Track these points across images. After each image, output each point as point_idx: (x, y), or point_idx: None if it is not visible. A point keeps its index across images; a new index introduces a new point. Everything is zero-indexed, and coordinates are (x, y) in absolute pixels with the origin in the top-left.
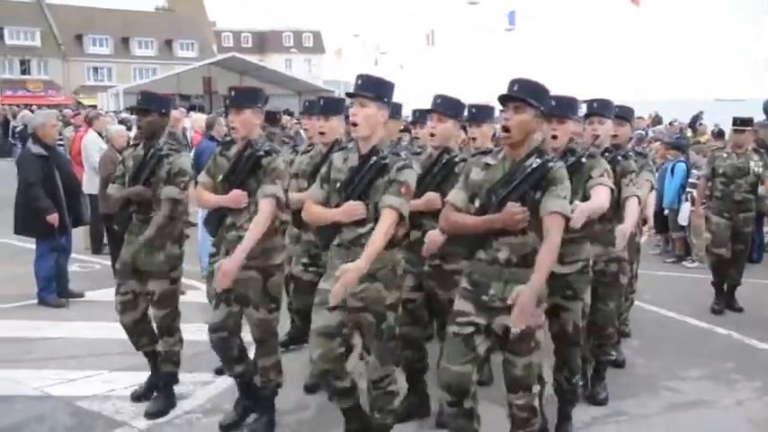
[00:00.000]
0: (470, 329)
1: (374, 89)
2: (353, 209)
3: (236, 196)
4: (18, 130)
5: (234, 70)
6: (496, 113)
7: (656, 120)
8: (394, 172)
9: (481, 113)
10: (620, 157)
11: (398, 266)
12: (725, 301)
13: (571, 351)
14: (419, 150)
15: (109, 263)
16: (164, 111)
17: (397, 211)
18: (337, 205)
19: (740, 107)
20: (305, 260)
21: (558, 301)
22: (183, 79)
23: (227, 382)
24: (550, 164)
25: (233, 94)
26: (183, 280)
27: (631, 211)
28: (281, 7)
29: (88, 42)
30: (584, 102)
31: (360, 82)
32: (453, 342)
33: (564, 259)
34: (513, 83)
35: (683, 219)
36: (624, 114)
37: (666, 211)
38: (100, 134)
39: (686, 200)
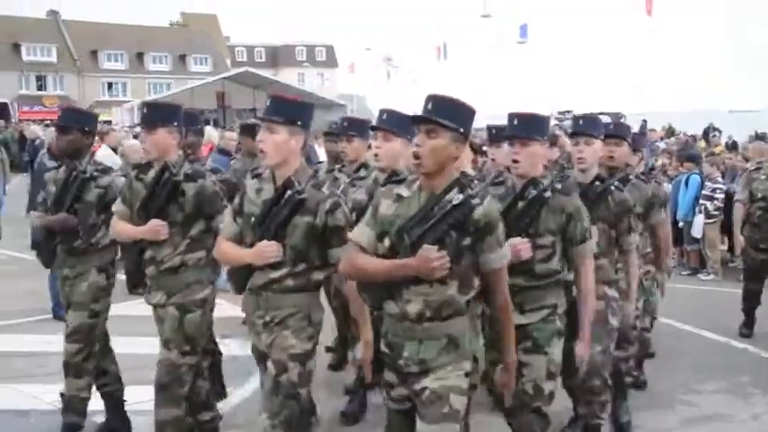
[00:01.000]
0: (408, 404)
1: (285, 113)
2: (266, 250)
3: (154, 227)
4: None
5: (247, 85)
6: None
7: (670, 131)
8: (323, 215)
9: (501, 133)
10: (612, 188)
11: (315, 313)
12: (753, 324)
13: (525, 420)
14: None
15: (123, 278)
16: (87, 128)
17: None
18: (252, 244)
19: (755, 118)
20: None
21: (517, 356)
22: (196, 94)
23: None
24: (474, 201)
25: (145, 110)
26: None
27: (632, 273)
28: (295, 22)
29: (103, 58)
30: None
31: (269, 104)
32: (395, 419)
33: (524, 307)
34: (427, 100)
35: (697, 231)
36: (619, 133)
37: (681, 224)
38: (114, 149)
39: (700, 212)
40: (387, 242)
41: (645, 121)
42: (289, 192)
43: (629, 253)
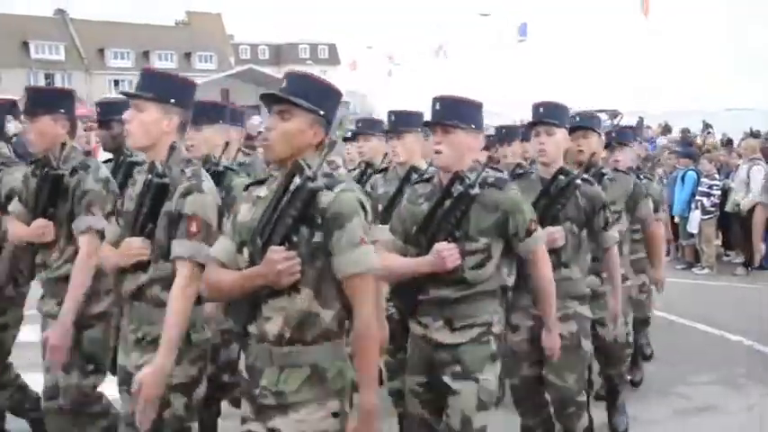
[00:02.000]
0: None
1: (156, 88)
2: (130, 248)
3: (37, 228)
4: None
5: (251, 82)
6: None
7: (666, 129)
8: (176, 199)
9: (512, 132)
10: (578, 181)
11: (196, 332)
12: None
13: None
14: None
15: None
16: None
17: (189, 261)
18: None
19: (751, 116)
20: None
21: (445, 383)
22: (201, 91)
23: None
24: (313, 185)
25: (27, 97)
26: None
27: (613, 272)
28: (297, 20)
29: (110, 56)
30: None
31: (139, 79)
32: None
33: (454, 324)
34: (284, 78)
35: (693, 227)
36: (585, 123)
37: (677, 219)
38: None
39: (696, 208)
40: (245, 252)
41: (641, 118)
42: (149, 176)
43: (609, 250)
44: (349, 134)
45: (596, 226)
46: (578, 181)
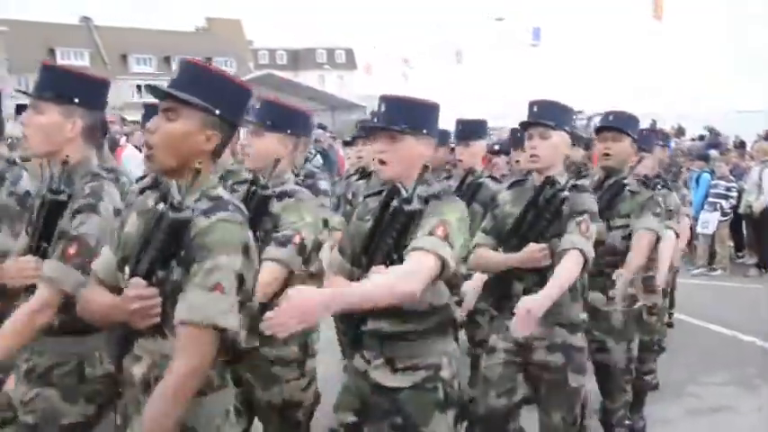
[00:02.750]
0: None
1: (57, 87)
2: (21, 267)
3: None
4: None
5: (269, 86)
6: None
7: (680, 131)
8: (66, 216)
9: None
10: (566, 193)
11: (91, 366)
12: None
13: None
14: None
15: None
16: None
17: (51, 285)
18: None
19: (760, 118)
20: None
21: None
22: None
23: None
24: (175, 215)
25: None
26: None
27: (562, 281)
28: (315, 26)
29: (133, 61)
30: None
31: (38, 77)
32: None
33: (396, 364)
34: (178, 69)
35: (711, 228)
36: (616, 125)
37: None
38: (140, 149)
39: (715, 210)
40: (127, 270)
41: (654, 121)
42: (45, 191)
43: (566, 255)
44: (348, 138)
45: (563, 229)
46: (566, 193)
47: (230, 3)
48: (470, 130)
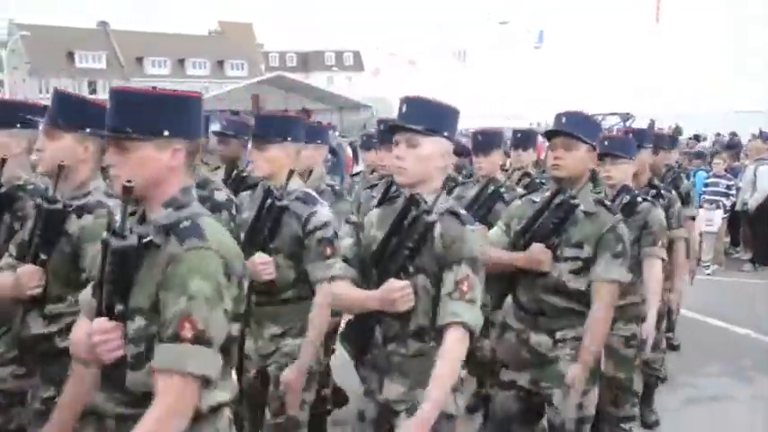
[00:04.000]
0: None
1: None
2: (30, 279)
3: None
4: None
5: (280, 87)
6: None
7: (677, 131)
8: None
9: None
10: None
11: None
12: None
13: None
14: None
15: None
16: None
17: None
18: None
19: (759, 118)
20: None
21: None
22: (233, 96)
23: None
24: (117, 242)
25: None
26: None
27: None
28: (324, 29)
29: (148, 64)
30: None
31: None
32: None
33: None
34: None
35: (716, 226)
36: (613, 151)
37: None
38: None
39: (718, 207)
40: None
41: (653, 121)
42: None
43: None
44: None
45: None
46: (432, 217)
47: (242, 7)
48: (489, 140)
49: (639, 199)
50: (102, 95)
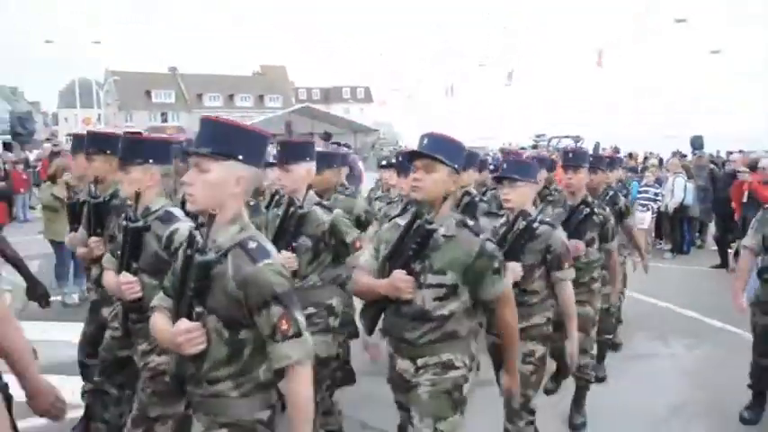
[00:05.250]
0: None
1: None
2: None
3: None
4: None
5: (307, 116)
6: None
7: (615, 151)
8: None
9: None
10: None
11: None
12: (762, 409)
13: None
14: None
15: None
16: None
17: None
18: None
19: (679, 141)
20: None
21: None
22: (271, 123)
23: None
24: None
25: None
26: None
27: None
28: (342, 69)
29: (206, 99)
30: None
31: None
32: None
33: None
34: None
35: (646, 224)
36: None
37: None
38: None
39: (647, 210)
40: None
41: (597, 143)
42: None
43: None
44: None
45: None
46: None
47: (278, 52)
48: (468, 159)
49: (536, 224)
50: (172, 123)
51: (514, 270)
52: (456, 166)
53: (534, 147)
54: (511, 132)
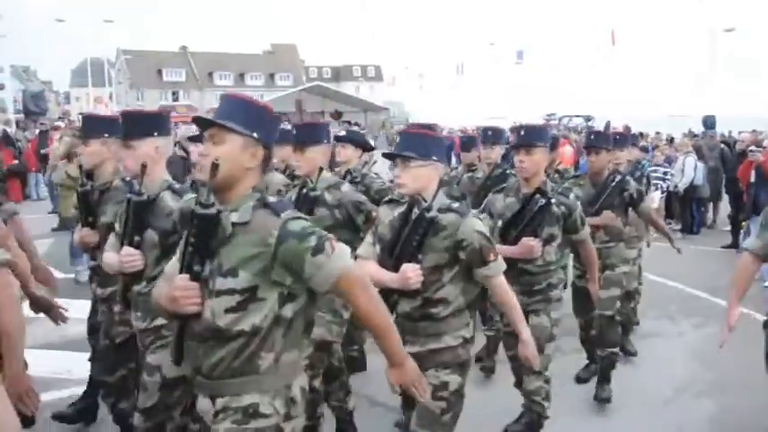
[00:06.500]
0: None
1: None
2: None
3: None
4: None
5: (318, 94)
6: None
7: (626, 129)
8: None
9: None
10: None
11: None
12: None
13: None
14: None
15: None
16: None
17: None
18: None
19: (689, 120)
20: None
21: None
22: (282, 101)
23: None
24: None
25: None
26: None
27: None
28: (353, 47)
29: (216, 77)
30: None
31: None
32: None
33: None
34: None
35: (655, 204)
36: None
37: None
38: None
39: (657, 189)
40: None
41: (608, 122)
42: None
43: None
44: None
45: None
46: (432, 213)
47: (289, 30)
48: (496, 135)
49: (433, 213)
50: (182, 101)
51: (405, 273)
52: (256, 134)
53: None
54: (521, 111)
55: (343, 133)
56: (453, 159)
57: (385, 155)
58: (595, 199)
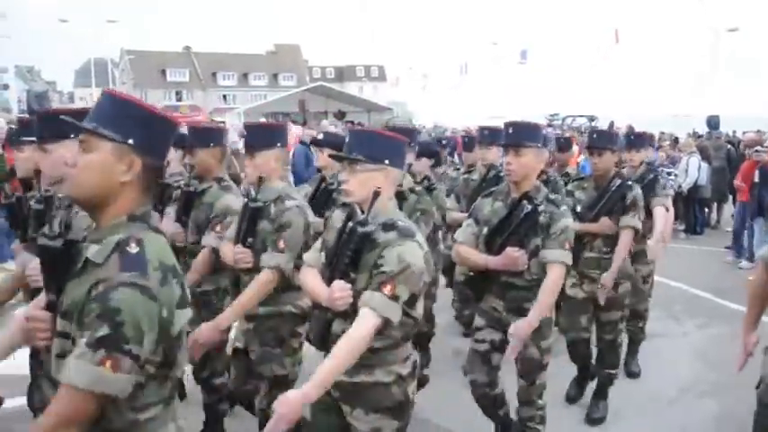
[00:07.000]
0: None
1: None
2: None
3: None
4: None
5: (321, 95)
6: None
7: (631, 129)
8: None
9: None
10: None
11: None
12: None
13: None
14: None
15: None
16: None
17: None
18: None
19: (693, 121)
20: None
21: None
22: (285, 102)
23: None
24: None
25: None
26: None
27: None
28: (356, 47)
29: (220, 77)
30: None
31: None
32: None
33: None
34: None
35: None
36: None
37: None
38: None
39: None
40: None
41: (612, 122)
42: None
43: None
44: None
45: None
46: (367, 228)
47: (292, 30)
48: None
49: (370, 227)
50: (186, 101)
51: (332, 292)
52: (131, 141)
53: (549, 125)
54: (525, 111)
55: (320, 137)
56: (456, 159)
57: (332, 156)
58: (595, 204)
